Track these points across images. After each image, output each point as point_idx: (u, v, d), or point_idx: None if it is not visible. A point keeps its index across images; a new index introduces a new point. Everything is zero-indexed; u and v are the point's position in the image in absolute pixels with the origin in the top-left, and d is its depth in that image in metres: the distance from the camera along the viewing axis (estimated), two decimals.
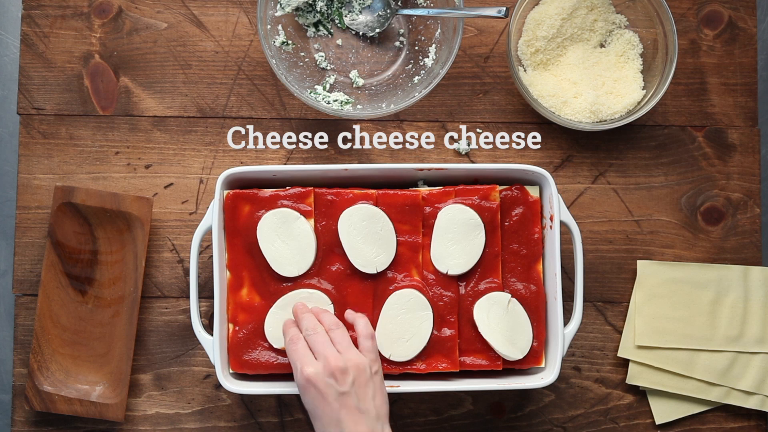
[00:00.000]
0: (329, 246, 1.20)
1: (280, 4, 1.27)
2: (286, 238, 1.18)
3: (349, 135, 1.31)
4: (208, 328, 1.25)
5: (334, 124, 1.31)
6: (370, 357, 1.09)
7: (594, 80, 1.28)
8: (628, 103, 1.26)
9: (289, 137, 1.30)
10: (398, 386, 1.18)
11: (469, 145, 1.30)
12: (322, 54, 1.31)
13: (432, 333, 1.19)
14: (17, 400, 1.27)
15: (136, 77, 1.30)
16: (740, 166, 1.32)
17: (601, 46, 1.30)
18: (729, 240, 1.31)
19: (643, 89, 1.27)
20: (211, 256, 1.21)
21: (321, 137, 1.30)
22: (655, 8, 1.26)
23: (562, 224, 1.20)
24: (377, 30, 1.31)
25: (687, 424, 1.28)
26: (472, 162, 1.31)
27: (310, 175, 1.20)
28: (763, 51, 1.38)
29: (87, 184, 1.29)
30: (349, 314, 1.15)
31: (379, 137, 1.30)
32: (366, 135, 1.31)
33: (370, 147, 1.30)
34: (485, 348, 1.20)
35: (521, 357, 1.19)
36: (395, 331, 1.18)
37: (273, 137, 1.30)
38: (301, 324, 1.12)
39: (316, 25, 1.31)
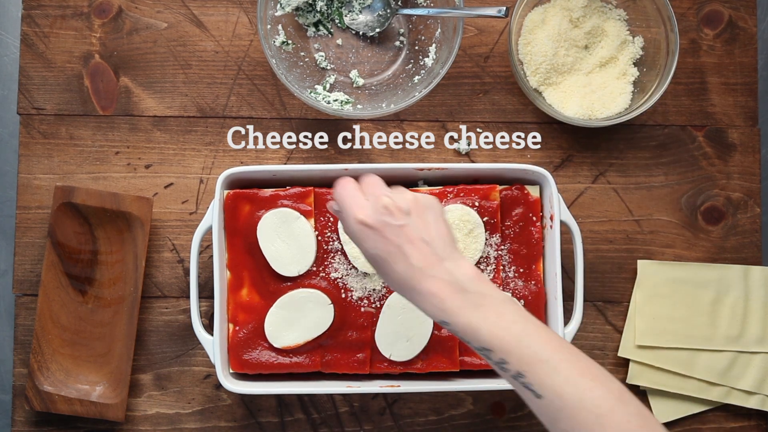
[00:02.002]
0: (329, 246, 1.20)
1: (280, 4, 1.27)
2: (286, 238, 1.18)
3: (349, 135, 1.31)
4: (208, 328, 1.25)
5: (334, 124, 1.31)
6: (426, 198, 1.01)
7: (588, 85, 1.28)
8: (622, 103, 1.27)
9: (289, 137, 1.30)
10: (398, 386, 1.18)
11: (469, 145, 1.30)
12: (322, 54, 1.31)
13: (432, 333, 1.19)
14: (17, 400, 1.27)
15: (136, 77, 1.30)
16: (740, 165, 1.32)
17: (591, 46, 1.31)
18: (729, 240, 1.31)
19: (632, 93, 1.28)
20: (211, 256, 1.21)
21: (321, 137, 1.30)
22: (657, 7, 1.26)
23: (563, 224, 1.20)
24: (377, 30, 1.31)
25: (687, 423, 1.28)
26: (472, 162, 1.31)
27: (310, 175, 1.20)
28: (763, 51, 1.38)
29: (87, 184, 1.29)
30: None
31: (379, 137, 1.30)
32: (366, 135, 1.31)
33: (370, 147, 1.30)
34: None
35: None
36: (395, 331, 1.18)
37: (273, 137, 1.30)
38: (345, 178, 1.03)
39: (316, 24, 1.31)
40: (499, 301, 0.95)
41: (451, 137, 1.31)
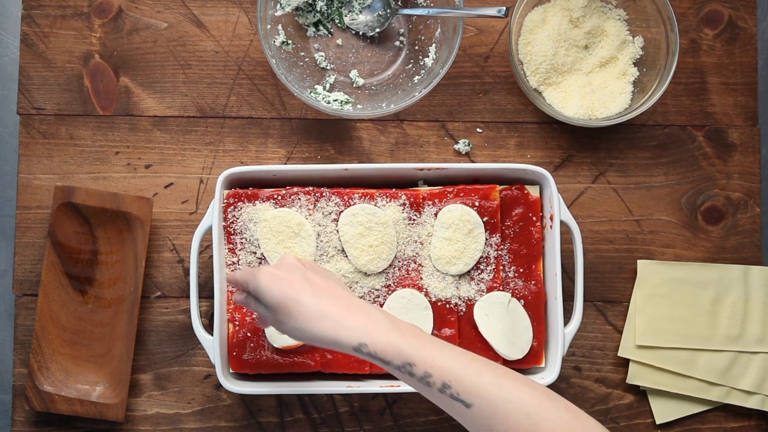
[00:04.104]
0: (329, 246, 1.20)
1: (280, 4, 1.27)
2: (286, 238, 1.18)
3: (348, 135, 1.30)
4: (208, 328, 1.25)
5: (334, 124, 1.31)
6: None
7: (588, 85, 1.28)
8: (622, 103, 1.27)
9: (289, 137, 1.30)
10: (398, 386, 1.18)
11: (469, 144, 1.30)
12: (322, 54, 1.31)
13: (432, 333, 1.19)
14: (17, 400, 1.27)
15: (136, 77, 1.30)
16: (740, 165, 1.32)
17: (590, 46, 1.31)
18: (729, 240, 1.31)
19: (632, 92, 1.28)
20: (211, 256, 1.21)
21: (321, 137, 1.30)
22: (657, 7, 1.26)
23: (563, 224, 1.20)
24: (377, 30, 1.31)
25: (687, 423, 1.28)
26: (472, 162, 1.31)
27: (310, 175, 1.20)
28: (763, 51, 1.38)
29: (87, 184, 1.29)
30: None
31: (379, 137, 1.30)
32: (366, 135, 1.31)
33: (370, 147, 1.30)
34: (485, 348, 1.19)
35: (521, 357, 1.19)
36: None
37: (273, 137, 1.30)
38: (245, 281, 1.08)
39: (316, 24, 1.31)
40: (411, 326, 0.97)
41: (451, 137, 1.31)
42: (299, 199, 1.19)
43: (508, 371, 0.93)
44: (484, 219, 1.20)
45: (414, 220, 1.20)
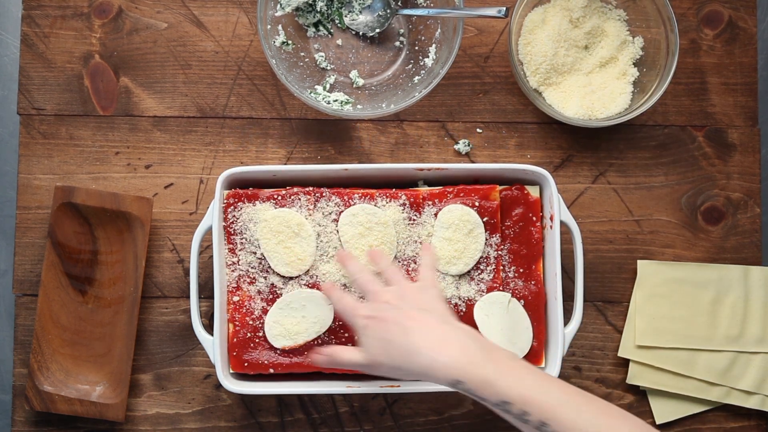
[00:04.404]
0: (329, 246, 1.20)
1: (280, 4, 1.27)
2: (286, 238, 1.18)
3: (349, 135, 1.31)
4: (208, 328, 1.25)
5: (334, 124, 1.31)
6: (427, 282, 1.07)
7: (588, 85, 1.29)
8: (622, 103, 1.27)
9: (289, 137, 1.30)
10: (398, 386, 1.18)
11: (469, 145, 1.30)
12: (322, 54, 1.31)
13: None
14: (17, 400, 1.27)
15: (136, 77, 1.30)
16: (740, 165, 1.32)
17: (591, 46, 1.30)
18: (729, 240, 1.31)
19: (632, 93, 1.28)
20: (211, 256, 1.21)
21: (321, 137, 1.30)
22: (657, 7, 1.26)
23: (563, 224, 1.20)
24: (377, 30, 1.31)
25: (687, 423, 1.28)
26: (472, 162, 1.31)
27: (310, 175, 1.20)
28: (763, 51, 1.38)
29: (87, 184, 1.29)
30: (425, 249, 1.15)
31: (379, 137, 1.30)
32: (366, 135, 1.31)
33: (370, 147, 1.30)
34: None
35: (521, 357, 1.19)
36: None
37: (273, 137, 1.30)
38: (347, 268, 1.12)
39: (316, 25, 1.31)
40: (506, 356, 0.97)
41: (451, 137, 1.31)
42: (299, 199, 1.19)
43: (608, 406, 0.93)
44: (484, 219, 1.20)
45: (414, 220, 1.20)
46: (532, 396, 0.93)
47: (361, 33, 1.31)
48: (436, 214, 1.20)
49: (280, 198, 1.20)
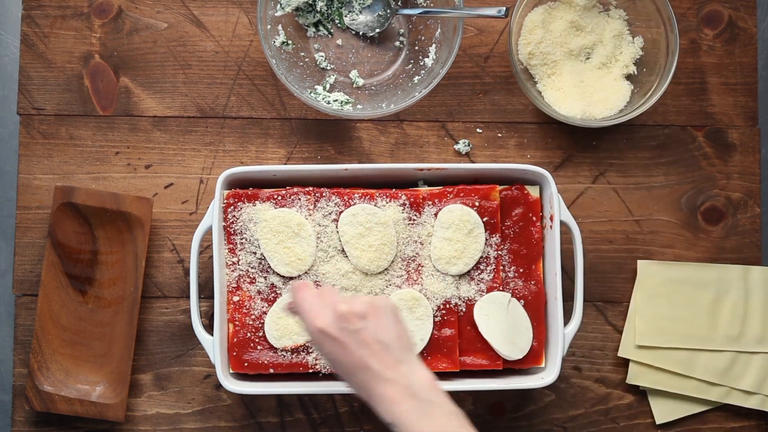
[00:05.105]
0: (329, 246, 1.20)
1: (280, 4, 1.27)
2: (286, 238, 1.18)
3: (349, 135, 1.31)
4: (208, 328, 1.25)
5: (334, 124, 1.31)
6: (384, 300, 1.03)
7: (589, 85, 1.28)
8: (622, 103, 1.27)
9: (289, 137, 1.30)
10: None
11: (469, 145, 1.30)
12: (322, 54, 1.31)
13: (432, 333, 1.19)
14: (17, 400, 1.27)
15: (136, 77, 1.30)
16: (740, 165, 1.32)
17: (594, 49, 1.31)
18: (729, 240, 1.31)
19: (630, 92, 1.28)
20: (211, 256, 1.21)
21: (321, 137, 1.30)
22: (657, 7, 1.26)
23: (563, 224, 1.20)
24: (377, 30, 1.31)
25: (687, 423, 1.28)
26: (472, 162, 1.31)
27: (310, 175, 1.20)
28: (763, 51, 1.38)
29: (87, 184, 1.29)
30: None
31: (379, 137, 1.30)
32: (366, 135, 1.31)
33: (370, 147, 1.30)
34: (485, 348, 1.20)
35: (521, 357, 1.19)
36: None
37: (273, 137, 1.30)
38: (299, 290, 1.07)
39: (316, 25, 1.31)
40: (448, 412, 0.96)
41: (451, 137, 1.31)
42: (299, 199, 1.19)
43: None
44: (484, 219, 1.20)
45: (414, 220, 1.20)
46: None
47: (361, 33, 1.31)
48: (436, 214, 1.20)
49: (280, 198, 1.20)
